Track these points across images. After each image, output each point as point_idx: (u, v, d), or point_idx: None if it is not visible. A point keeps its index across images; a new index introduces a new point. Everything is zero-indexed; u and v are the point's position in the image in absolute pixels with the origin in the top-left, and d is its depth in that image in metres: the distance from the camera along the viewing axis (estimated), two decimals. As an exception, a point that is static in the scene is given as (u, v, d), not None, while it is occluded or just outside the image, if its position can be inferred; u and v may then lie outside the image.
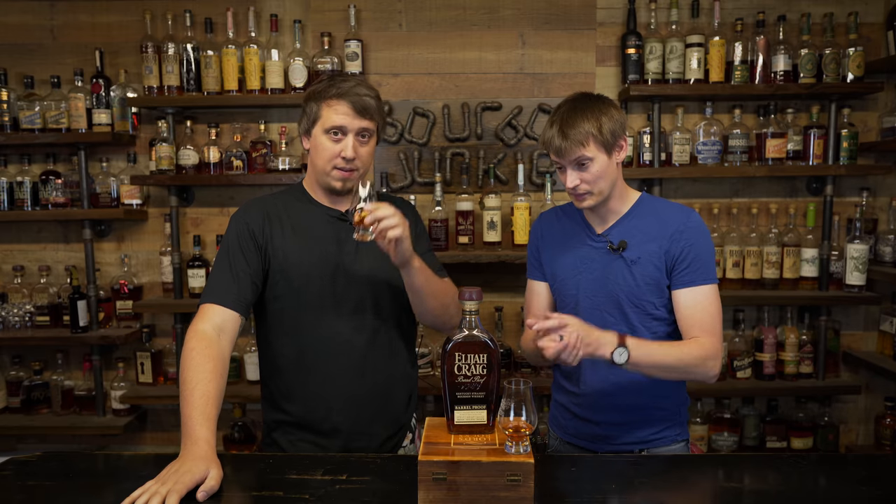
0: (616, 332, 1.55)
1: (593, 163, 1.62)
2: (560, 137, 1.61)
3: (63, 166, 2.94)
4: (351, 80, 1.67)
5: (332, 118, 1.63)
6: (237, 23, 2.80)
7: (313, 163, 1.71)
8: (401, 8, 2.86)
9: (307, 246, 1.68)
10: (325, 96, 1.65)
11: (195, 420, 1.39)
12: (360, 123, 1.64)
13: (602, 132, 1.60)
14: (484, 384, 1.29)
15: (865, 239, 2.76)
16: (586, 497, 1.34)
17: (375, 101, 1.68)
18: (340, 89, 1.64)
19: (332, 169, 1.66)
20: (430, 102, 2.88)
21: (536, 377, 2.79)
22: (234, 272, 1.62)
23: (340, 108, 1.63)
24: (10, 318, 2.89)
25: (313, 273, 1.66)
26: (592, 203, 1.66)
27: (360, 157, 1.67)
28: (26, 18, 2.88)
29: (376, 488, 1.34)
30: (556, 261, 1.79)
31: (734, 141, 2.74)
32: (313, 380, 1.67)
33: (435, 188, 2.77)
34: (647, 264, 1.66)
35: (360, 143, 1.66)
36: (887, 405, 2.79)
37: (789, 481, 1.41)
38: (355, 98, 1.63)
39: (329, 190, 1.71)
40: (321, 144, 1.66)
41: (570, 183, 1.64)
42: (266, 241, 1.67)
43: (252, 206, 1.73)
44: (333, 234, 1.70)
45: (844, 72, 2.71)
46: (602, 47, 2.86)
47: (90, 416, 2.90)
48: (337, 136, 1.64)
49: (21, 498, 1.33)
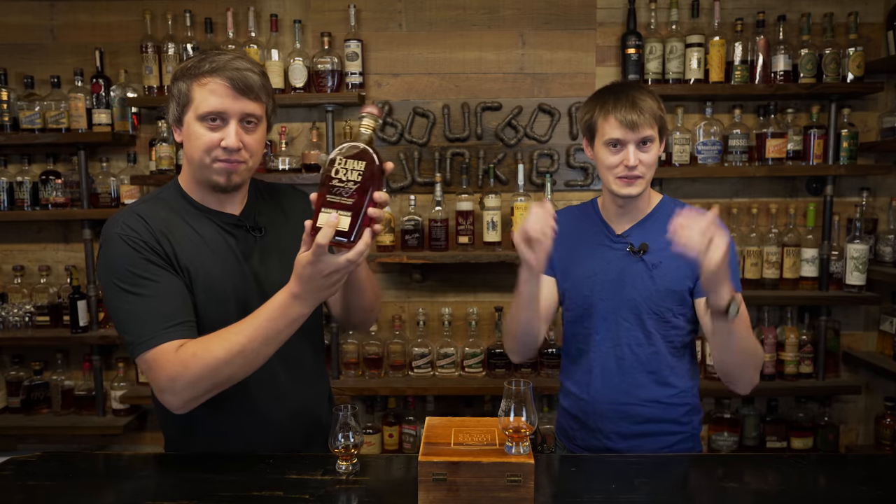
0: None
1: (654, 146, 1.56)
2: (633, 110, 1.51)
3: (63, 166, 2.94)
4: (228, 54, 1.37)
5: (206, 100, 1.33)
6: (237, 23, 2.80)
7: (189, 157, 1.39)
8: (401, 8, 2.86)
9: (213, 268, 1.39)
10: (196, 73, 1.34)
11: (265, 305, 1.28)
12: (242, 106, 1.35)
13: (662, 114, 1.56)
14: (355, 192, 1.19)
15: (865, 239, 2.76)
16: (586, 497, 1.34)
17: (261, 78, 1.38)
18: (215, 63, 1.34)
19: (213, 161, 1.36)
20: (430, 102, 2.88)
21: (536, 377, 2.79)
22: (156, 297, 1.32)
23: (216, 88, 1.33)
24: (10, 318, 2.89)
25: (221, 299, 1.38)
26: (639, 190, 1.57)
27: (248, 147, 1.38)
28: (26, 18, 2.88)
29: (376, 488, 1.34)
30: (569, 259, 1.70)
31: (734, 141, 2.74)
32: (231, 412, 1.44)
33: (435, 188, 2.77)
34: (669, 269, 1.58)
35: (246, 129, 1.37)
36: (887, 405, 2.79)
37: (789, 481, 1.41)
38: (234, 73, 1.33)
39: (213, 187, 1.40)
40: (195, 133, 1.35)
41: (632, 160, 1.53)
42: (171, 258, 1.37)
43: (133, 221, 1.37)
44: (235, 247, 1.43)
45: (844, 72, 2.71)
46: (602, 47, 2.86)
47: (90, 416, 2.90)
48: (215, 121, 1.34)
49: (21, 498, 1.33)
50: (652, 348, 1.62)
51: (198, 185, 1.44)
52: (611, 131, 1.55)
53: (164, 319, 1.30)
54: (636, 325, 1.61)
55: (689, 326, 1.64)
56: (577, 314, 1.68)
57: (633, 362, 1.62)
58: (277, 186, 1.61)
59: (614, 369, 1.63)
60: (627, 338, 1.62)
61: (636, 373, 1.62)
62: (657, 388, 1.60)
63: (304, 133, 2.92)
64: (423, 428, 1.36)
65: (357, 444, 1.36)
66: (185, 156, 1.42)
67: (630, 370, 1.62)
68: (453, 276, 2.93)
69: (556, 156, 2.85)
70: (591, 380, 1.66)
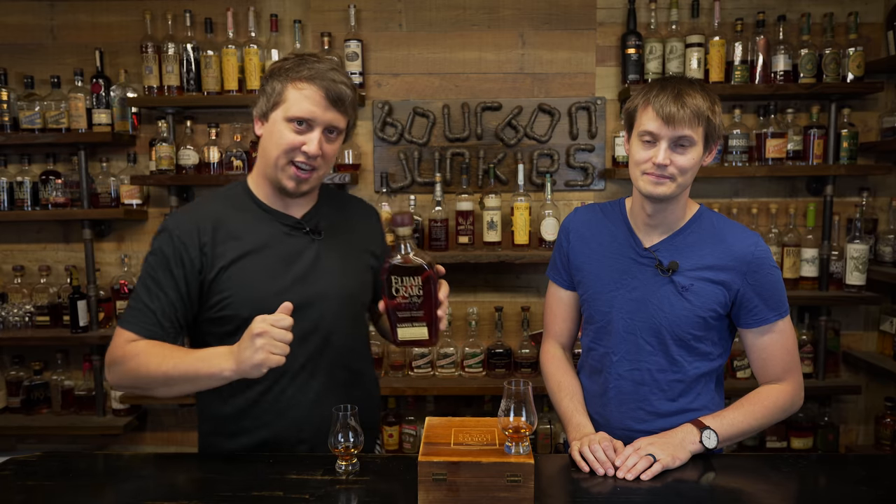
0: (689, 422, 1.45)
1: (692, 150, 1.41)
2: (676, 104, 1.37)
3: (63, 166, 2.94)
4: (325, 62, 1.41)
5: (299, 104, 1.37)
6: (237, 23, 2.80)
7: (266, 154, 1.43)
8: (401, 8, 2.86)
9: (261, 267, 1.44)
10: (293, 76, 1.39)
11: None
12: (330, 116, 1.40)
13: (713, 118, 1.41)
14: (422, 304, 1.32)
15: (865, 239, 2.76)
16: (586, 497, 1.34)
17: (351, 93, 1.43)
18: (313, 70, 1.38)
19: (288, 164, 1.41)
20: (430, 102, 2.88)
21: (536, 377, 2.79)
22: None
23: (310, 94, 1.37)
24: (10, 318, 2.89)
25: (257, 297, 1.41)
26: (668, 192, 1.43)
27: (325, 156, 1.42)
28: (26, 18, 2.88)
29: (376, 488, 1.34)
30: (588, 269, 1.57)
31: (734, 141, 2.74)
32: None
33: (435, 188, 2.77)
34: (701, 295, 1.46)
35: (327, 138, 1.42)
36: (887, 405, 2.79)
37: (789, 481, 1.41)
38: (330, 84, 1.38)
39: (280, 190, 1.45)
40: (279, 132, 1.39)
41: (660, 158, 1.40)
42: (205, 265, 1.42)
43: (185, 222, 1.44)
44: (289, 249, 1.47)
45: (844, 72, 2.71)
46: (602, 47, 2.86)
47: (90, 416, 2.90)
48: (301, 125, 1.39)
49: (21, 498, 1.33)
50: (675, 375, 1.52)
51: (266, 184, 1.48)
52: (647, 122, 1.41)
53: (146, 312, 1.40)
54: (658, 349, 1.50)
55: (718, 350, 1.54)
56: (595, 329, 1.59)
57: (653, 388, 1.52)
58: (349, 197, 1.68)
59: (631, 393, 1.54)
60: (648, 362, 1.52)
61: (655, 399, 1.53)
62: (678, 418, 1.50)
63: (304, 133, 2.92)
64: (423, 428, 1.36)
65: (357, 444, 1.36)
66: (261, 151, 1.45)
67: (649, 396, 1.53)
68: (453, 276, 2.88)
69: (556, 156, 2.85)
70: (607, 402, 1.57)
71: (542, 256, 2.64)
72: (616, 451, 1.42)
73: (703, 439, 1.43)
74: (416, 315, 1.33)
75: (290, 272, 1.46)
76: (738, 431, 1.48)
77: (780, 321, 1.50)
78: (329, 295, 1.49)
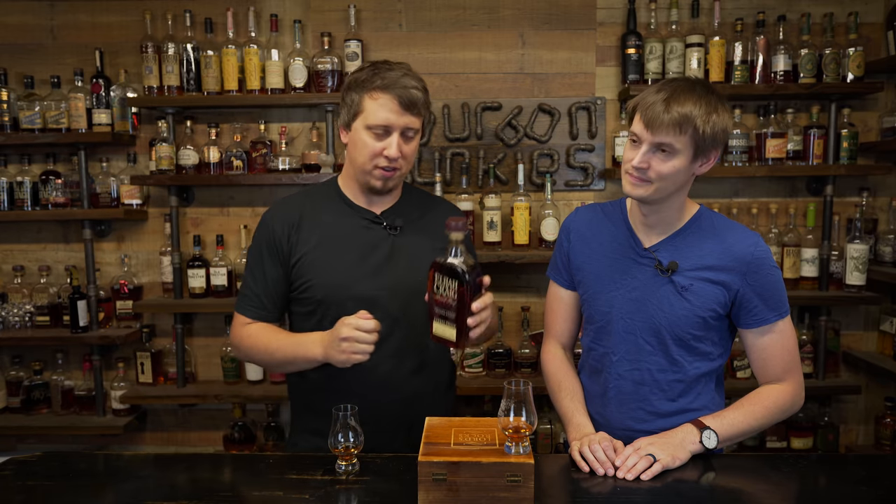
0: (690, 422, 1.46)
1: (675, 157, 1.40)
2: (661, 109, 1.36)
3: (63, 166, 2.94)
4: (397, 70, 1.53)
5: (375, 114, 1.50)
6: (237, 23, 2.80)
7: (352, 159, 1.59)
8: (401, 8, 2.86)
9: (339, 256, 1.58)
10: (369, 87, 1.51)
11: None
12: (406, 120, 1.52)
13: (703, 128, 1.37)
14: (455, 307, 1.36)
15: (865, 239, 2.76)
16: (586, 497, 1.34)
17: (423, 95, 1.55)
18: (386, 80, 1.50)
19: (374, 168, 1.55)
20: (430, 102, 2.88)
21: (536, 377, 2.79)
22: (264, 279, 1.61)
23: (385, 103, 1.50)
24: (10, 318, 2.89)
25: (335, 284, 1.57)
26: (645, 195, 1.44)
27: (405, 156, 1.56)
28: (26, 18, 2.88)
29: (376, 488, 1.34)
30: (588, 269, 1.59)
31: (734, 141, 2.74)
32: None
33: (435, 188, 2.77)
34: (701, 295, 1.47)
35: (405, 140, 1.55)
36: (887, 405, 2.79)
37: (789, 481, 1.41)
38: (402, 91, 1.50)
39: (368, 189, 1.61)
40: (362, 140, 1.53)
41: (636, 161, 1.41)
42: (291, 250, 1.59)
43: (277, 212, 1.64)
44: (368, 241, 1.61)
45: (844, 72, 2.71)
46: (602, 47, 2.86)
47: (90, 416, 2.90)
48: (380, 132, 1.52)
49: (21, 498, 1.33)
50: (675, 375, 1.52)
51: (353, 183, 1.64)
52: (634, 123, 1.43)
53: (252, 297, 1.63)
54: (658, 349, 1.51)
55: (718, 350, 1.54)
56: (595, 329, 1.60)
57: (653, 388, 1.53)
58: (435, 199, 1.81)
59: (631, 393, 1.54)
60: (648, 362, 1.53)
61: (655, 399, 1.53)
62: (678, 418, 1.51)
63: (305, 133, 2.92)
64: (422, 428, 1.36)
65: (357, 444, 1.36)
66: (349, 157, 1.62)
67: (649, 396, 1.54)
68: (453, 276, 2.92)
69: (556, 156, 2.85)
70: (607, 402, 1.58)
71: (542, 256, 2.64)
72: (616, 451, 1.43)
73: (703, 439, 1.44)
74: (450, 316, 1.37)
75: (365, 263, 1.58)
76: (739, 431, 1.48)
77: (781, 321, 1.50)
78: (399, 287, 1.59)
